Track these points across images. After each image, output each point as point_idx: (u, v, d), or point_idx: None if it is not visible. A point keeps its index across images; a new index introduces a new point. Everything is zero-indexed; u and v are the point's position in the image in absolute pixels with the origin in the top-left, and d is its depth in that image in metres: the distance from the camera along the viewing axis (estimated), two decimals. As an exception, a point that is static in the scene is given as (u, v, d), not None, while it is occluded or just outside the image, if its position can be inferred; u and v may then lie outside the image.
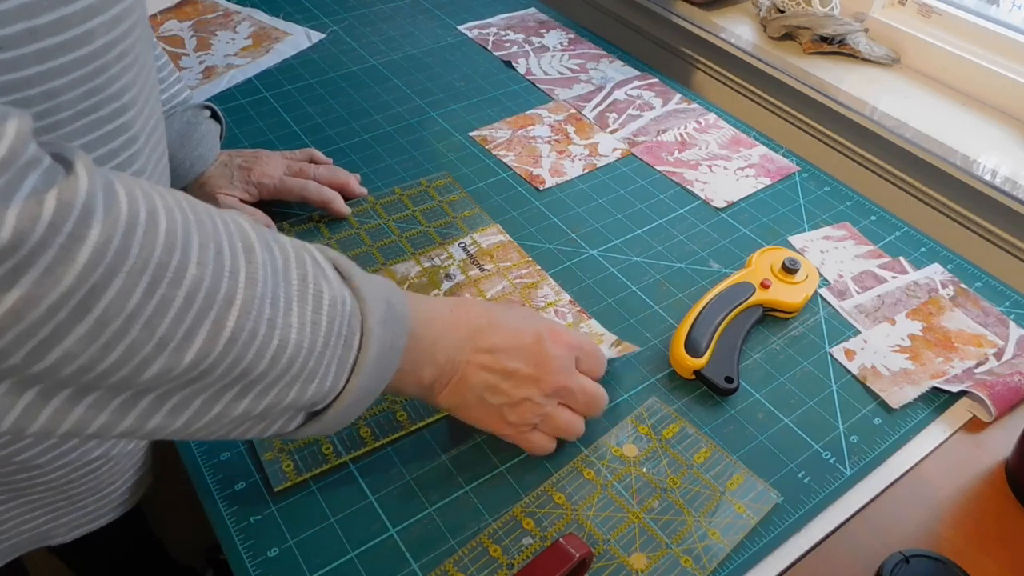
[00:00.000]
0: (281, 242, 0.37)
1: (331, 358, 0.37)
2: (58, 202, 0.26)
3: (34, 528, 0.50)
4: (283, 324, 0.34)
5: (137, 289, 0.29)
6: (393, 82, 0.89)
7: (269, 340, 0.34)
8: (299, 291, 0.36)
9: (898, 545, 0.48)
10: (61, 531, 0.52)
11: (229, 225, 0.34)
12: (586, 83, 0.91)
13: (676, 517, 0.49)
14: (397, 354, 0.41)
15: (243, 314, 0.32)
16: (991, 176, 0.79)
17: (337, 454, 0.51)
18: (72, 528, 0.53)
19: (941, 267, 0.68)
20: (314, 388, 0.37)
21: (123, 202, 0.28)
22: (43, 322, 0.27)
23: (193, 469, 0.50)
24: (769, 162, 0.80)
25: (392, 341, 0.40)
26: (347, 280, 0.40)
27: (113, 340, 0.29)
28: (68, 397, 0.30)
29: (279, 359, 0.35)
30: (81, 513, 0.52)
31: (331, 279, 0.38)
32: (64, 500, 0.50)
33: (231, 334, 0.32)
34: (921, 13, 0.95)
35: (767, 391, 0.57)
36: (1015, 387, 0.57)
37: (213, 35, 0.95)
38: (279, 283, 0.35)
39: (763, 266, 0.64)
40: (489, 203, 0.72)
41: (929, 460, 0.54)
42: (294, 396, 0.37)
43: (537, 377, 0.47)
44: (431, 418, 0.53)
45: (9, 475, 0.45)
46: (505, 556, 0.46)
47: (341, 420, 0.41)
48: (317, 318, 0.36)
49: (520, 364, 0.46)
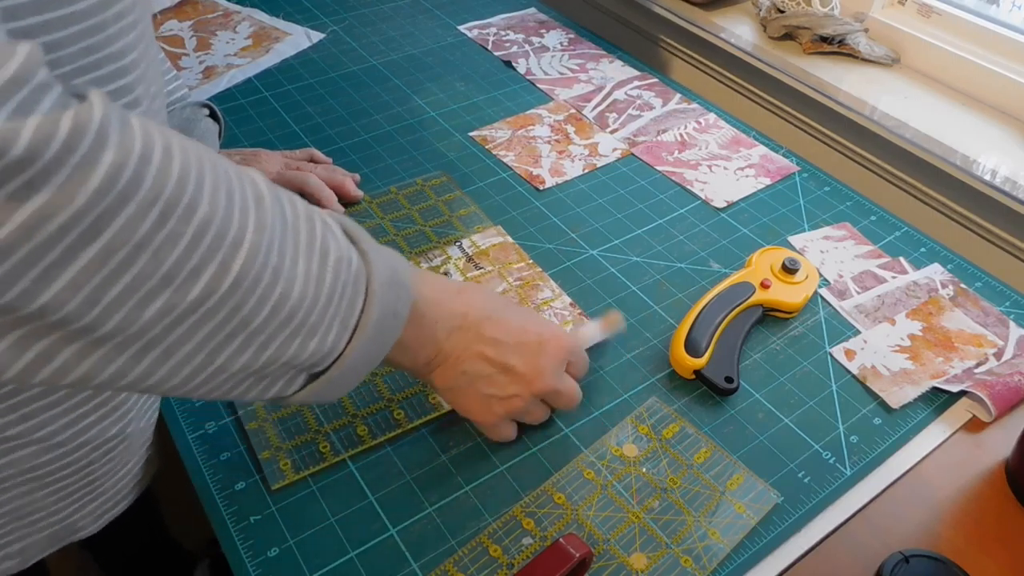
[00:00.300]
0: (292, 198, 0.37)
1: (334, 315, 0.38)
2: (74, 123, 0.26)
3: (62, 520, 0.51)
4: (288, 275, 0.35)
5: (147, 219, 0.29)
6: (393, 82, 0.89)
7: (272, 288, 0.34)
8: (307, 245, 0.36)
9: (898, 545, 0.48)
10: (88, 521, 0.53)
11: (241, 175, 0.34)
12: (586, 83, 0.91)
13: (676, 517, 0.49)
14: (400, 322, 0.42)
15: (249, 258, 0.33)
16: (991, 176, 0.79)
17: (335, 452, 0.51)
18: (97, 517, 0.53)
19: (941, 267, 0.68)
20: (315, 344, 0.37)
21: (137, 134, 0.29)
22: (52, 243, 0.27)
23: (193, 469, 0.50)
24: (769, 162, 0.80)
25: (395, 307, 0.41)
26: (355, 243, 0.40)
27: (119, 269, 0.29)
28: (75, 347, 0.31)
29: (280, 309, 0.35)
30: (103, 499, 0.53)
31: (339, 238, 0.38)
32: (85, 486, 0.50)
33: (236, 277, 0.32)
34: (921, 13, 0.95)
35: (767, 391, 0.57)
36: (1015, 387, 0.57)
37: (213, 35, 0.95)
38: (287, 234, 0.35)
39: (763, 266, 0.64)
40: (489, 203, 0.72)
41: (929, 460, 0.54)
42: (294, 351, 0.37)
43: (531, 379, 0.48)
44: (428, 416, 0.53)
45: (34, 457, 0.45)
46: (505, 556, 0.46)
47: (340, 385, 0.41)
48: (322, 273, 0.37)
49: (519, 362, 0.48)
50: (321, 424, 0.52)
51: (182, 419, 0.53)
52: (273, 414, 0.53)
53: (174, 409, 0.53)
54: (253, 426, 0.52)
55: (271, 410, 0.53)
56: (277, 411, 0.53)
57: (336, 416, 0.53)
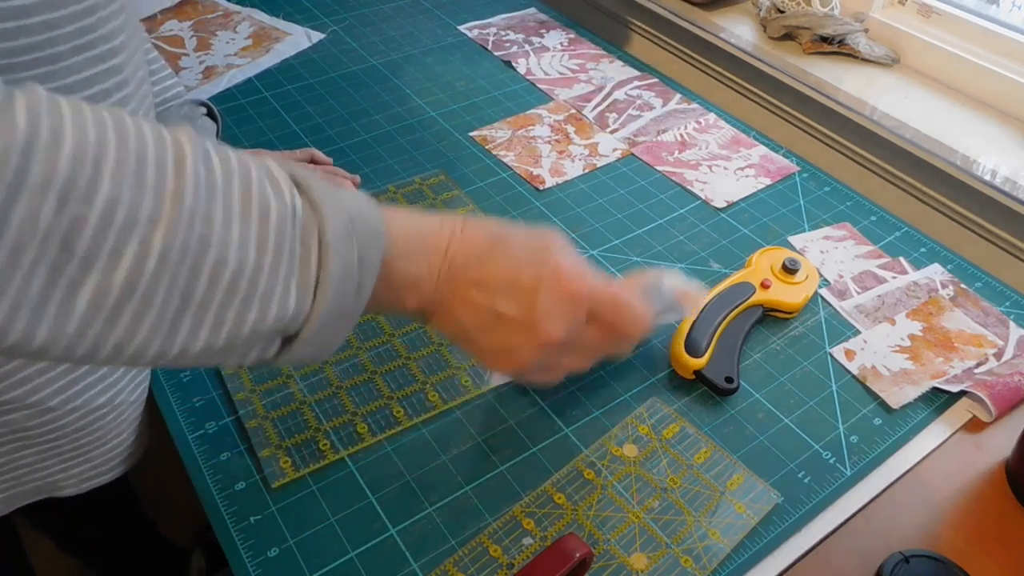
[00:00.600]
0: (225, 155, 0.35)
1: (287, 276, 0.35)
2: None
3: (46, 476, 0.53)
4: (219, 240, 0.33)
5: (45, 207, 0.28)
6: (393, 82, 0.89)
7: (203, 258, 0.32)
8: (241, 205, 0.34)
9: (898, 545, 0.48)
10: (72, 482, 0.54)
11: (162, 139, 0.32)
12: (586, 83, 0.91)
13: (676, 517, 0.49)
14: (372, 271, 0.38)
15: (171, 232, 0.31)
16: (991, 176, 0.79)
17: (335, 450, 0.51)
18: (82, 480, 0.55)
19: (941, 267, 0.68)
20: (275, 310, 0.35)
21: (21, 117, 0.27)
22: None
23: (193, 469, 0.50)
24: (769, 162, 0.80)
25: (362, 256, 0.37)
26: (304, 192, 0.37)
27: (35, 263, 0.28)
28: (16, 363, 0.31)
29: (219, 278, 0.33)
30: (90, 465, 0.54)
31: (283, 192, 0.36)
32: (74, 450, 0.52)
33: (160, 253, 0.31)
34: (921, 13, 0.95)
35: (767, 391, 0.57)
36: (1015, 387, 0.57)
37: (213, 35, 0.95)
38: (215, 198, 0.33)
39: (763, 266, 0.64)
40: (489, 203, 0.72)
41: (929, 460, 0.54)
42: (255, 320, 0.35)
43: (528, 326, 0.41)
44: (427, 414, 0.53)
45: (25, 420, 0.47)
46: (505, 556, 0.46)
47: (321, 343, 0.38)
48: (263, 233, 0.34)
49: (510, 307, 0.41)
50: (321, 422, 0.52)
51: (182, 419, 0.53)
52: (273, 412, 0.53)
53: (174, 409, 0.53)
54: (253, 424, 0.52)
55: (271, 408, 0.53)
56: (276, 409, 0.53)
57: (336, 414, 0.53)
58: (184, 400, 0.54)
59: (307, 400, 0.54)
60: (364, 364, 0.57)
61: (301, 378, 0.55)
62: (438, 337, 0.59)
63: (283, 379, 0.55)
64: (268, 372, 0.55)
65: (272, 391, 0.54)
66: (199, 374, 0.55)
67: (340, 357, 0.57)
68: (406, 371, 0.56)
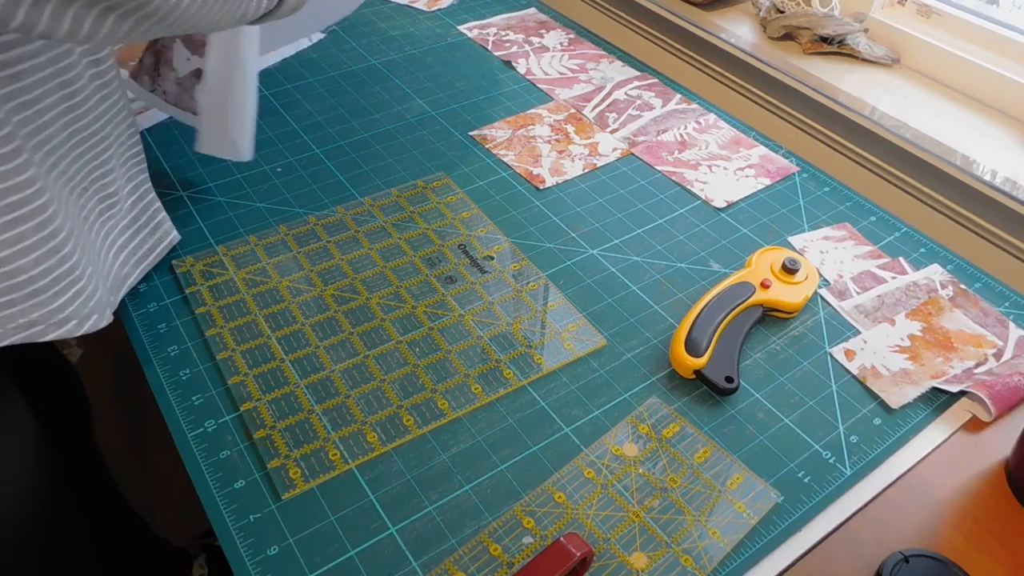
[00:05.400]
0: None
1: None
2: None
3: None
4: None
5: None
6: (393, 81, 0.89)
7: None
8: None
9: (898, 545, 0.48)
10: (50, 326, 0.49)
11: None
12: (586, 83, 0.91)
13: (676, 516, 0.49)
14: None
15: None
16: (991, 176, 0.79)
17: (344, 460, 0.50)
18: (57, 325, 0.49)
19: (941, 267, 0.68)
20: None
21: None
22: None
23: (192, 467, 0.50)
24: (769, 162, 0.80)
25: None
26: None
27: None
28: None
29: None
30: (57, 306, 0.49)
31: None
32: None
33: None
34: (921, 13, 0.95)
35: (767, 391, 0.57)
36: (1015, 387, 0.57)
37: (213, 34, 0.95)
38: None
39: (763, 266, 0.64)
40: (489, 202, 0.72)
41: (929, 460, 0.54)
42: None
43: None
44: (437, 422, 0.53)
45: None
46: (505, 555, 0.46)
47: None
48: None
49: None
50: (329, 432, 0.52)
51: (182, 418, 0.53)
52: (281, 422, 0.52)
53: (173, 407, 0.53)
54: (261, 435, 0.51)
55: (278, 418, 0.52)
56: (284, 419, 0.52)
57: (345, 423, 0.53)
58: (183, 398, 0.54)
59: (315, 410, 0.53)
60: (372, 372, 0.56)
61: (308, 388, 0.55)
62: (447, 345, 0.59)
63: (289, 388, 0.55)
64: (275, 380, 0.55)
65: (279, 399, 0.54)
66: (199, 373, 0.55)
67: (347, 365, 0.57)
68: (415, 377, 0.56)
